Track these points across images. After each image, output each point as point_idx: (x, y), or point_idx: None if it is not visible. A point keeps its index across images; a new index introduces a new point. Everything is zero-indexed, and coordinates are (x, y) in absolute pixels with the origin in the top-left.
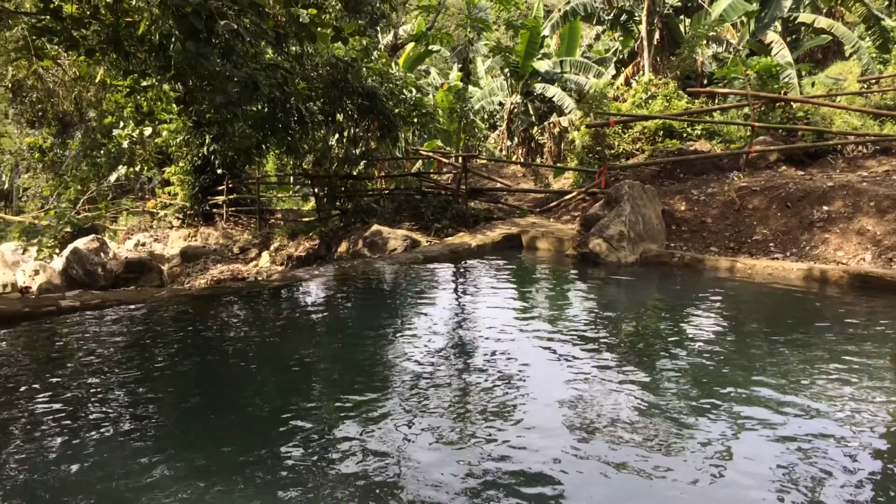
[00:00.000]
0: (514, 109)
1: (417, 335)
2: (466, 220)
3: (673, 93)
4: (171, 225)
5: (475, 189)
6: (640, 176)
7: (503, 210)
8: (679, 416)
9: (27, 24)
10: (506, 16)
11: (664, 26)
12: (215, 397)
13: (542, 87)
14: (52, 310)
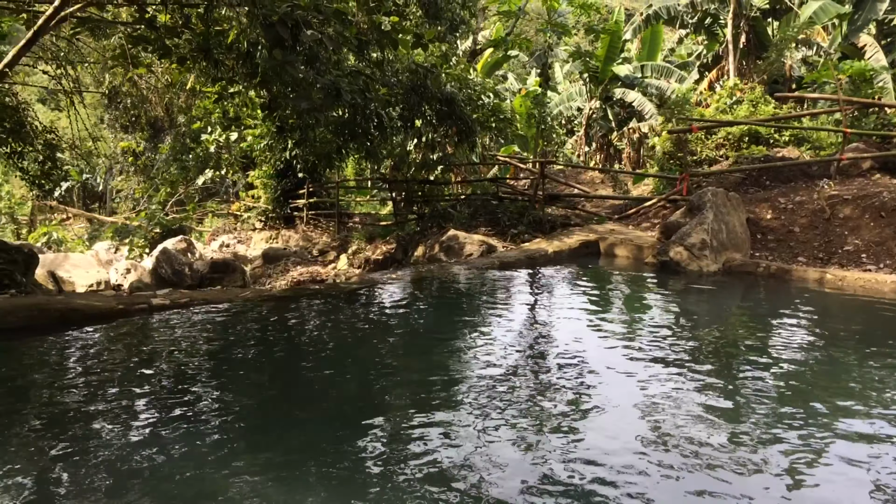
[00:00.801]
0: (593, 114)
1: (492, 340)
2: (543, 226)
3: (759, 97)
4: (253, 227)
5: (552, 195)
6: (724, 183)
7: (580, 216)
8: (761, 432)
9: (124, 34)
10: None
11: (751, 29)
12: (293, 395)
13: (621, 91)
14: (143, 307)
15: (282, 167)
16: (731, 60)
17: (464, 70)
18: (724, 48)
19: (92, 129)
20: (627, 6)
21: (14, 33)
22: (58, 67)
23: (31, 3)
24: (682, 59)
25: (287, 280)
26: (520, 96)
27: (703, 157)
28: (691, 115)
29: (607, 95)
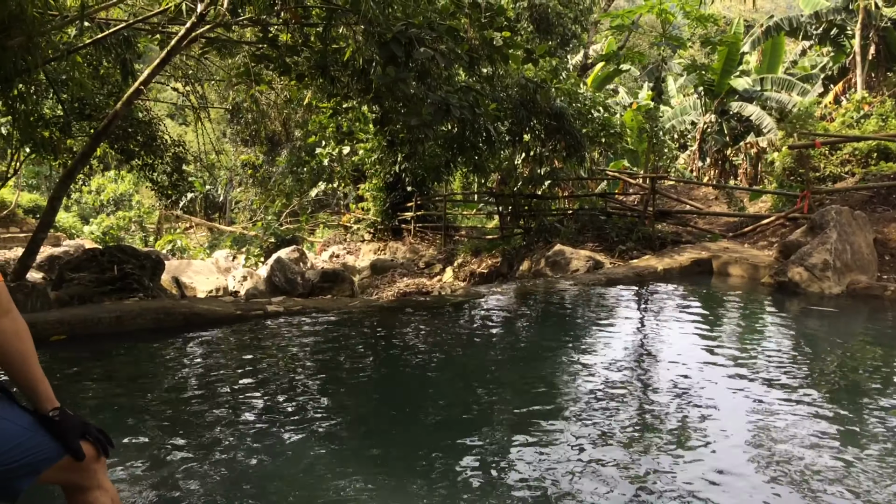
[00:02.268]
0: (707, 129)
1: (597, 357)
2: (653, 242)
3: (890, 111)
4: (362, 238)
5: (663, 211)
6: (849, 201)
7: (692, 234)
8: (883, 466)
9: (248, 53)
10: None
11: (880, 40)
12: (398, 404)
13: (738, 105)
14: (259, 314)
15: (391, 180)
16: (858, 73)
17: (574, 84)
18: (852, 60)
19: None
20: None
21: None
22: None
23: (165, 25)
24: (804, 71)
25: (394, 291)
26: (631, 110)
27: (826, 173)
28: (815, 130)
29: (723, 109)
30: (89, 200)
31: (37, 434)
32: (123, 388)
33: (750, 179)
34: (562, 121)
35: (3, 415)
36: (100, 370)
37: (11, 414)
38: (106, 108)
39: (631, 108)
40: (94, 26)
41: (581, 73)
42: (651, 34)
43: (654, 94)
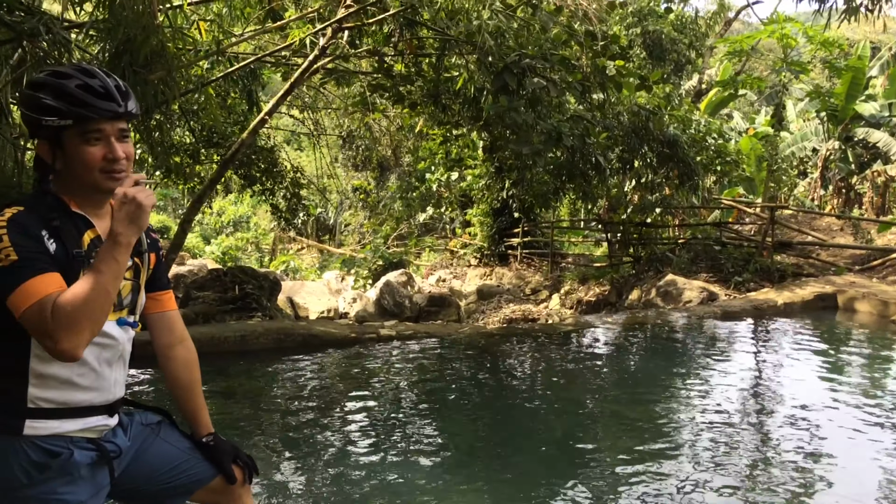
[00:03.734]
0: (830, 156)
1: (711, 393)
2: (771, 274)
3: None
4: (469, 263)
5: (782, 242)
6: None
7: (815, 266)
8: None
9: (364, 82)
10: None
11: None
12: (501, 431)
13: (864, 131)
14: (373, 336)
15: (498, 206)
16: None
17: (688, 111)
18: None
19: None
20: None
21: (271, 84)
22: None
23: (289, 59)
24: None
25: (500, 317)
26: (747, 136)
27: None
28: None
29: (847, 135)
30: (211, 222)
31: (193, 457)
32: (243, 405)
33: (877, 209)
34: (675, 148)
35: (166, 438)
36: (222, 386)
37: (172, 437)
38: (232, 136)
39: (747, 134)
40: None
41: (695, 98)
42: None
43: (772, 119)
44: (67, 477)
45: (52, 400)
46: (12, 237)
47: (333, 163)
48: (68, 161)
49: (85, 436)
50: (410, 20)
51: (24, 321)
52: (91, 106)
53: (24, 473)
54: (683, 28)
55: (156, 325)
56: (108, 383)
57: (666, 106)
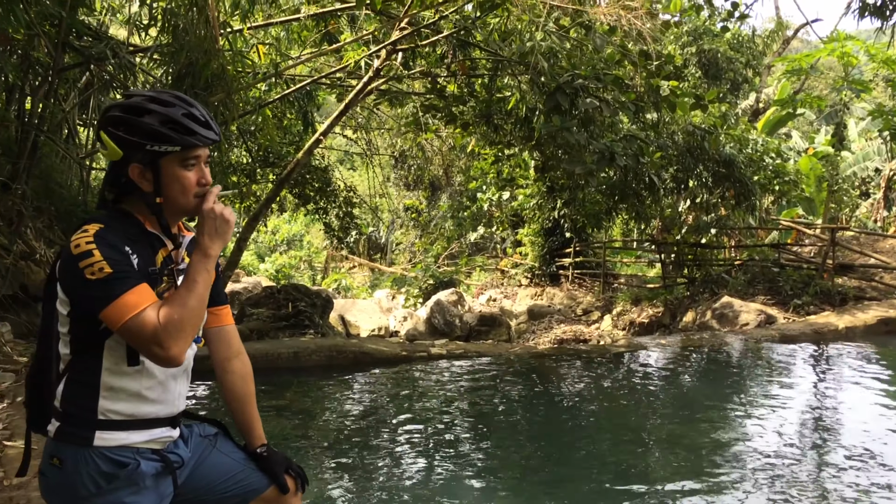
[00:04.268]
0: (894, 176)
1: (767, 421)
2: (832, 297)
3: None
4: (519, 283)
5: (844, 264)
6: None
7: (877, 289)
8: None
9: (417, 103)
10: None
11: None
12: (551, 453)
13: None
14: (423, 355)
15: (550, 226)
16: None
17: (744, 130)
18: None
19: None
20: None
21: (326, 105)
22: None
23: (344, 80)
24: None
25: (550, 337)
26: (807, 156)
27: None
28: None
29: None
30: (266, 240)
31: (248, 468)
32: (294, 421)
33: None
34: (731, 167)
35: (222, 450)
36: (275, 401)
37: (228, 449)
38: (287, 156)
39: (807, 154)
40: (281, 82)
41: (752, 118)
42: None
43: (833, 139)
44: (134, 487)
45: (121, 412)
46: (103, 251)
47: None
48: (164, 184)
49: (150, 447)
50: (463, 41)
51: (125, 332)
52: (197, 134)
53: (93, 483)
54: (740, 47)
55: (214, 338)
56: (172, 396)
57: (722, 125)
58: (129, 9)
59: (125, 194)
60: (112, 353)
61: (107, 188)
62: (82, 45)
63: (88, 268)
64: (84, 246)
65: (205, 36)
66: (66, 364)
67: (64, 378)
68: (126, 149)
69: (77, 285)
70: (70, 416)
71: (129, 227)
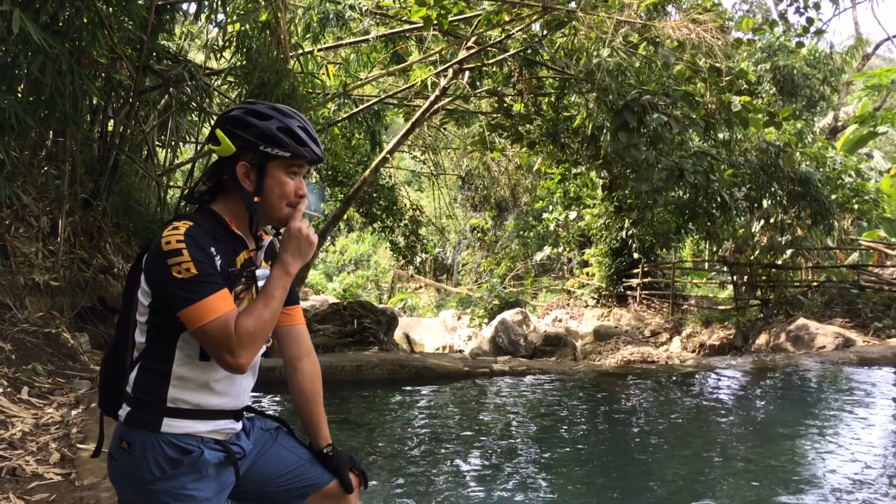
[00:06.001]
0: None
1: (843, 447)
2: None
3: None
4: (586, 304)
5: None
6: None
7: None
8: None
9: (484, 122)
10: None
11: None
12: (615, 472)
13: None
14: (486, 371)
15: (617, 246)
16: None
17: (822, 148)
18: None
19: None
20: None
21: (394, 125)
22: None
23: (411, 99)
24: None
25: (617, 358)
26: (888, 176)
27: None
28: None
29: None
30: (334, 259)
31: (308, 462)
32: (356, 432)
33: None
34: (807, 186)
35: (283, 444)
36: (337, 413)
37: (290, 444)
38: (355, 175)
39: (889, 174)
40: (350, 101)
41: (830, 136)
42: None
43: None
44: (197, 474)
45: (189, 402)
46: (192, 252)
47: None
48: (266, 186)
49: (214, 437)
50: (530, 60)
51: (201, 334)
52: (308, 147)
53: (158, 467)
54: (817, 63)
55: (285, 337)
56: (238, 390)
57: (797, 143)
58: (206, 33)
59: (220, 192)
60: (186, 345)
61: (204, 180)
62: (162, 69)
63: (176, 266)
64: (175, 244)
65: (276, 57)
66: (140, 352)
67: (137, 365)
68: (239, 147)
69: (162, 280)
70: (140, 402)
71: (216, 226)
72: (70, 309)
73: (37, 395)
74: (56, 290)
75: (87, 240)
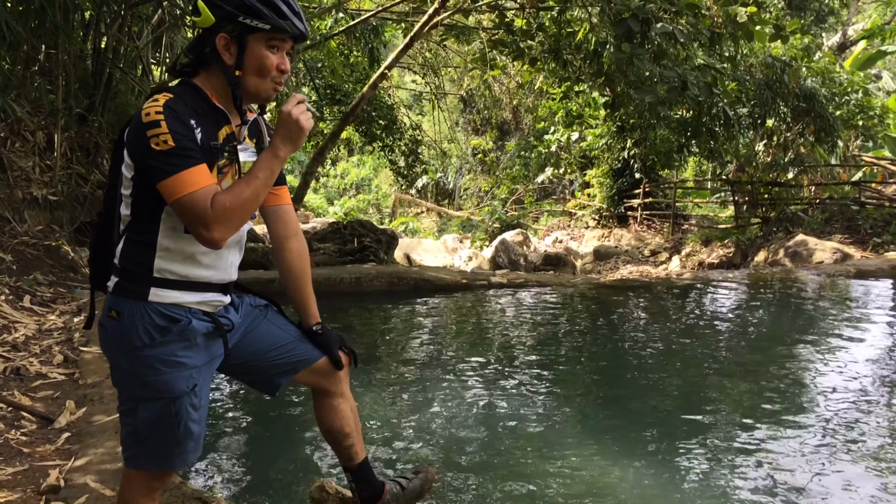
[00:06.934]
0: None
1: (839, 357)
2: None
3: None
4: (586, 225)
5: None
6: None
7: None
8: None
9: (484, 39)
10: None
11: None
12: (614, 381)
13: None
14: (483, 284)
15: (619, 166)
16: None
17: (828, 64)
18: None
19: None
20: None
21: (392, 41)
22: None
23: (409, 14)
24: None
25: (616, 277)
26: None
27: None
28: None
29: None
30: (335, 184)
31: (298, 339)
32: (355, 342)
33: None
34: (812, 102)
35: (273, 321)
36: (337, 324)
37: (279, 321)
38: (354, 93)
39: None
40: (346, 15)
41: (838, 52)
42: None
43: None
44: (186, 342)
45: (175, 272)
46: (170, 123)
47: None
48: (246, 61)
49: (202, 308)
50: None
51: (178, 207)
52: (288, 20)
53: (147, 335)
54: None
55: (272, 216)
56: (225, 264)
57: (804, 58)
58: None
59: (202, 65)
60: (170, 217)
61: (186, 53)
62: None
63: (154, 137)
64: (154, 115)
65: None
66: (126, 225)
67: (124, 237)
68: (219, 17)
69: (142, 152)
70: (128, 273)
71: (198, 100)
72: (70, 224)
73: (39, 304)
74: (55, 205)
75: (83, 155)
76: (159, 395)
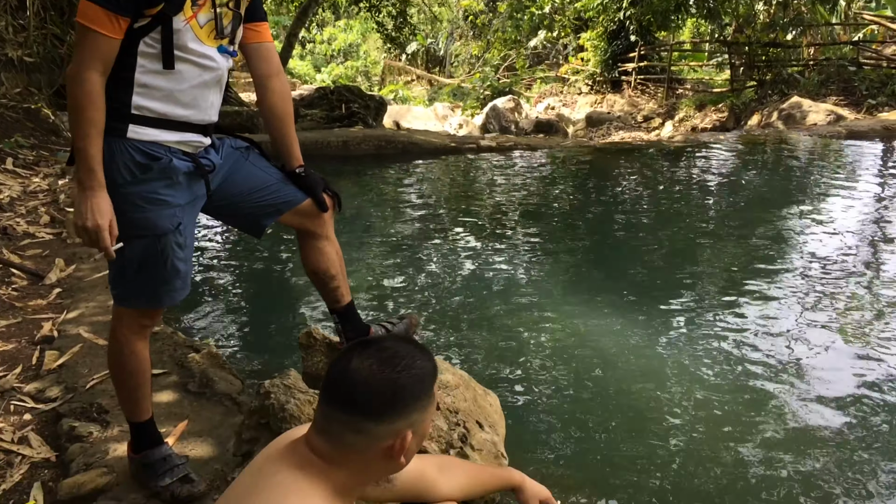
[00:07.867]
0: None
1: (827, 217)
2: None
3: None
4: (579, 91)
5: None
6: None
7: None
8: None
9: None
10: None
11: None
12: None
13: None
14: (472, 146)
15: (614, 28)
16: None
17: None
18: None
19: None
20: None
21: None
22: None
23: None
24: None
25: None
26: None
27: None
28: None
29: None
30: (322, 50)
31: (282, 181)
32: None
33: None
34: None
35: (255, 163)
36: None
37: (261, 164)
38: None
39: None
40: None
41: None
42: None
43: None
44: (168, 181)
45: (153, 110)
46: None
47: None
48: None
49: (181, 148)
50: None
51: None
52: None
53: (128, 171)
54: None
55: (254, 54)
56: (205, 104)
57: None
58: None
59: None
60: (146, 53)
61: None
62: None
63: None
64: None
65: None
66: None
67: None
68: None
69: None
70: (108, 109)
71: None
72: (48, 87)
73: (22, 166)
74: (32, 67)
75: (57, 15)
76: (144, 231)
